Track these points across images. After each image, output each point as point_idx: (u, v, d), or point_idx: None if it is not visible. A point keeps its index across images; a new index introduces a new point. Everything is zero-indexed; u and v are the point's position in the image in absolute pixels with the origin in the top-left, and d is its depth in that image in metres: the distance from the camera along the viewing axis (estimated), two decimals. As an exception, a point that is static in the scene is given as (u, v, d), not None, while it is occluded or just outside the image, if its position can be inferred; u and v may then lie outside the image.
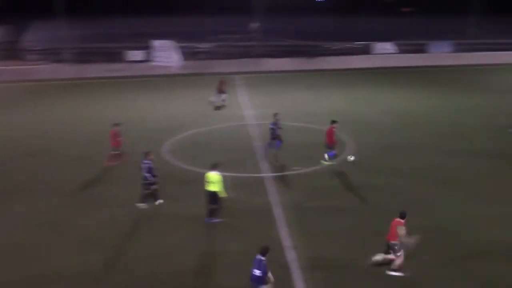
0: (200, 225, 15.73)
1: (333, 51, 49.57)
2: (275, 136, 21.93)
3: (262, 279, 11.13)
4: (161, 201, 17.20)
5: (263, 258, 11.21)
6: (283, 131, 22.58)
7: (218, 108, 31.60)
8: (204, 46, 51.08)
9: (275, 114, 22.53)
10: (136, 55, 47.61)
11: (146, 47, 46.40)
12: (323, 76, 43.40)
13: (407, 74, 43.97)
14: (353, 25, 51.47)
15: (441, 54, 49.74)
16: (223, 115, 29.99)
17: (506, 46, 49.14)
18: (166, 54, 45.33)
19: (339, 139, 22.66)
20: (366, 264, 13.09)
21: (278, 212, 16.57)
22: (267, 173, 20.16)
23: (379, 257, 13.20)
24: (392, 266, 12.97)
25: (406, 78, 42.10)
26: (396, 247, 12.87)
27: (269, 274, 11.39)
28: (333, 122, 21.00)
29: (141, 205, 17.05)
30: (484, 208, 16.66)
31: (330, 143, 20.79)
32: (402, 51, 49.86)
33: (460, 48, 50.28)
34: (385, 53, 49.69)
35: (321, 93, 36.23)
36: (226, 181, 16.04)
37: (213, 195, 15.66)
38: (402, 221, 12.94)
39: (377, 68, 46.53)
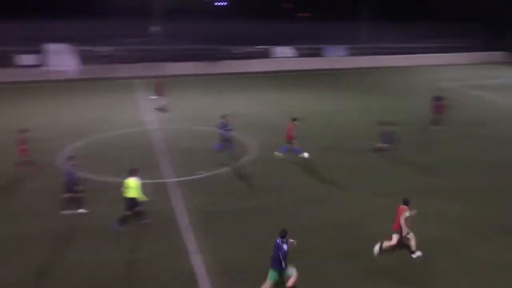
0: (112, 233, 15.42)
1: (235, 55, 50.29)
2: (226, 137, 22.37)
3: (286, 255, 11.79)
4: (83, 210, 16.73)
5: (284, 239, 11.86)
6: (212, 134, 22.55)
7: (163, 110, 31.41)
8: (103, 50, 49.47)
9: (224, 116, 22.64)
10: (29, 59, 45.04)
11: (39, 51, 44.09)
12: (225, 80, 43.91)
13: (305, 77, 45.74)
14: (253, 30, 52.55)
15: (336, 58, 52.30)
16: (124, 121, 29.35)
17: (393, 49, 52.91)
18: (62, 58, 43.44)
19: (244, 140, 23.11)
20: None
21: (184, 218, 16.61)
22: (171, 179, 20.09)
23: (377, 247, 14.06)
24: (412, 249, 13.96)
25: (305, 81, 43.78)
26: (403, 234, 13.87)
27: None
28: (294, 119, 22.23)
29: (81, 211, 16.66)
30: (383, 202, 17.71)
31: (289, 138, 22.10)
32: (300, 55, 51.78)
33: (353, 52, 53.25)
34: (284, 56, 51.30)
35: (224, 96, 36.65)
36: (144, 186, 15.97)
37: (131, 201, 15.56)
38: (406, 207, 13.94)
39: (277, 71, 47.94)
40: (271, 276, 11.95)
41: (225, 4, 75.68)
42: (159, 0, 48.20)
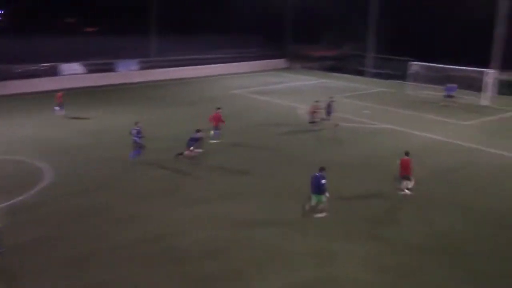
0: None
1: (16, 74, 46.13)
2: (140, 144, 23.87)
3: (325, 187, 17.26)
4: None
5: (322, 173, 17.29)
6: None
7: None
8: None
9: (136, 123, 24.38)
10: None
11: None
12: (7, 102, 39.98)
13: (99, 93, 44.47)
14: (37, 46, 48.92)
15: (129, 72, 51.97)
16: None
17: (184, 61, 54.80)
18: None
19: (36, 166, 21.68)
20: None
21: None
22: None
23: (404, 186, 19.78)
24: (411, 187, 19.79)
25: (98, 98, 42.55)
26: (411, 178, 19.65)
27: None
28: (218, 108, 27.86)
29: None
30: (197, 209, 18.66)
31: (216, 124, 26.97)
32: (90, 71, 50.04)
33: (145, 66, 53.57)
34: (73, 73, 49.05)
35: (9, 120, 33.40)
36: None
37: None
38: (409, 158, 19.58)
39: (68, 89, 45.40)
40: (315, 198, 17.27)
41: (-1, 19, 68.67)
42: None
